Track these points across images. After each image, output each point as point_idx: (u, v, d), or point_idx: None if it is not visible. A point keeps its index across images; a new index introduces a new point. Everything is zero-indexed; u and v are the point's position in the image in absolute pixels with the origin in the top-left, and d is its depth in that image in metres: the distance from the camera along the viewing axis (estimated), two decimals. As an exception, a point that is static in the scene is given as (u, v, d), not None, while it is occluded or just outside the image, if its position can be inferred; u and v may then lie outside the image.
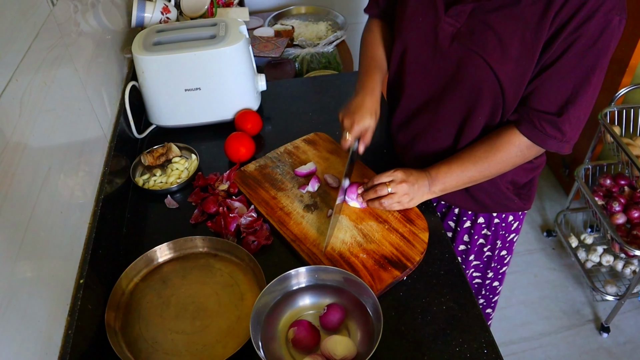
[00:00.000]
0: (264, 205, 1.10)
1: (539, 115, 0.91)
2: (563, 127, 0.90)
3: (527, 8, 0.84)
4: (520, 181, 1.11)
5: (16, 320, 0.64)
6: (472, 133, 1.01)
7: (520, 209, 1.17)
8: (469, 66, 0.92)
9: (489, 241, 1.23)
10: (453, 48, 0.93)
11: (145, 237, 1.08)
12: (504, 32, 0.87)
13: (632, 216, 1.90)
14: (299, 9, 2.26)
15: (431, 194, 1.03)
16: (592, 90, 0.88)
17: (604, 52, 0.84)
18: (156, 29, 1.31)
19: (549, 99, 0.90)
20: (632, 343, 1.98)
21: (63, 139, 0.89)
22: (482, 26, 0.89)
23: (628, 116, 1.99)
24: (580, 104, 0.88)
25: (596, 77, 0.86)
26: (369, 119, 1.03)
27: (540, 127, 0.91)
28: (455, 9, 0.91)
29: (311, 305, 0.91)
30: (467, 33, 0.90)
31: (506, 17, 0.86)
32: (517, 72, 0.89)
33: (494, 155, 0.97)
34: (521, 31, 0.86)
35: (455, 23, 0.91)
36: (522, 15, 0.85)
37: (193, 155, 1.26)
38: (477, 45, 0.90)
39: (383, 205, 1.02)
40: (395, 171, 1.02)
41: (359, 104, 1.05)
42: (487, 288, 1.38)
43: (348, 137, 1.03)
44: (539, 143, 0.93)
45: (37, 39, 0.82)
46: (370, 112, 1.04)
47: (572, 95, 0.88)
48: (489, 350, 0.85)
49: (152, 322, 0.91)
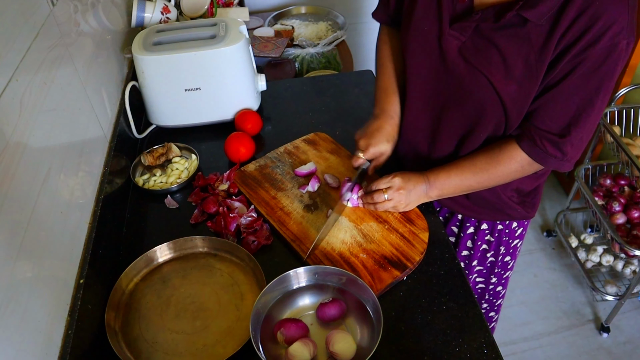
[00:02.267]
0: (264, 205, 1.10)
1: (541, 133, 0.90)
2: (564, 147, 0.89)
3: (532, 29, 0.82)
4: (526, 189, 1.11)
5: (16, 320, 0.64)
6: (473, 145, 1.00)
7: (524, 217, 1.16)
8: (473, 83, 0.91)
9: (492, 247, 1.22)
10: (457, 62, 0.92)
11: (145, 237, 1.08)
12: (509, 51, 0.85)
13: (632, 216, 1.90)
14: (299, 9, 2.26)
15: (427, 198, 1.03)
16: (596, 113, 0.86)
17: (609, 75, 0.82)
18: (156, 29, 1.31)
19: (551, 120, 0.88)
20: (632, 343, 1.98)
21: (63, 139, 0.89)
22: (487, 44, 0.87)
23: (628, 116, 1.99)
24: (583, 126, 0.87)
25: (600, 101, 0.85)
26: (385, 144, 1.05)
27: (541, 145, 0.90)
28: (460, 24, 0.89)
29: (311, 305, 0.91)
30: (472, 48, 0.89)
31: (511, 37, 0.85)
32: (520, 92, 0.88)
33: (494, 167, 0.97)
34: (526, 52, 0.84)
35: (460, 37, 0.90)
36: (527, 37, 0.83)
37: (193, 155, 1.26)
38: (480, 63, 0.88)
39: (378, 210, 1.03)
40: (394, 177, 1.01)
41: (377, 128, 1.07)
42: (491, 293, 1.37)
43: (361, 155, 1.05)
44: (539, 161, 0.93)
45: (37, 39, 0.82)
46: (387, 138, 1.06)
47: (575, 117, 0.86)
48: (489, 350, 0.85)
49: (152, 322, 0.91)
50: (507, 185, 1.06)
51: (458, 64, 0.92)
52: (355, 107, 1.43)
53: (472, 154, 1.00)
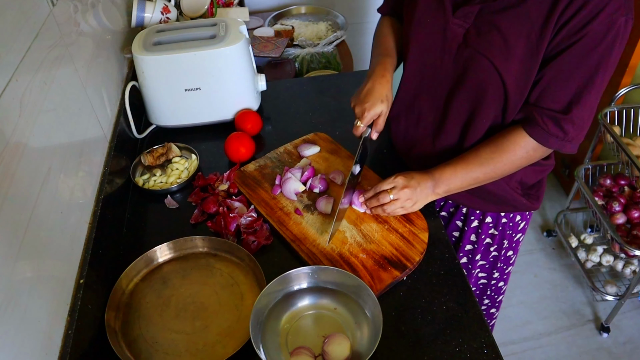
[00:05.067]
0: (264, 206, 1.10)
1: (542, 111, 0.91)
2: (565, 125, 0.90)
3: (533, 8, 0.84)
4: (529, 182, 1.11)
5: (16, 320, 0.64)
6: (477, 133, 1.01)
7: (529, 208, 1.16)
8: (475, 67, 0.92)
9: (496, 241, 1.23)
10: (460, 49, 0.93)
11: (145, 237, 1.08)
12: (510, 32, 0.87)
13: (632, 216, 1.90)
14: (299, 9, 2.26)
15: (435, 195, 1.02)
16: (596, 92, 0.87)
17: (607, 53, 0.83)
18: (156, 29, 1.31)
19: (552, 98, 0.90)
20: (632, 343, 1.98)
21: (63, 139, 0.89)
22: (489, 27, 0.89)
23: (628, 116, 1.99)
24: (584, 105, 0.88)
25: (600, 78, 0.86)
26: (379, 105, 1.02)
27: (542, 124, 0.91)
28: (463, 10, 0.91)
29: (311, 305, 0.91)
30: (474, 34, 0.91)
31: (512, 17, 0.86)
32: (522, 72, 0.89)
33: (499, 156, 0.97)
34: (527, 31, 0.86)
35: (464, 24, 0.91)
36: (528, 16, 0.85)
37: (193, 155, 1.26)
38: (482, 46, 0.90)
39: (386, 212, 1.01)
40: (396, 177, 1.01)
41: (369, 90, 1.04)
42: (493, 288, 1.38)
43: (359, 124, 1.03)
44: (540, 140, 0.93)
45: (37, 39, 0.82)
46: (380, 98, 1.03)
47: (575, 95, 0.88)
48: (489, 350, 0.85)
49: (152, 322, 0.91)
50: (511, 177, 1.07)
51: (462, 51, 0.93)
52: (355, 107, 1.43)
53: (477, 146, 1.01)
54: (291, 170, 1.14)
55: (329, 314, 0.89)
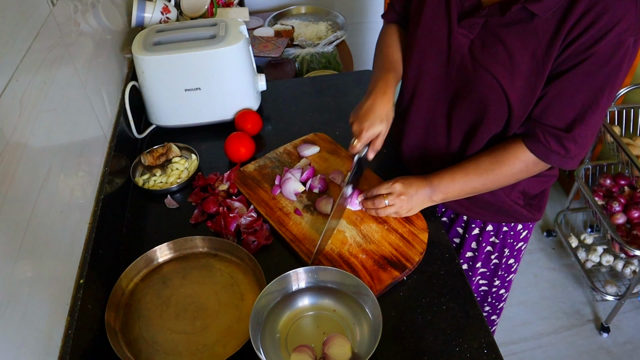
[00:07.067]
0: (264, 206, 1.10)
1: (545, 128, 0.89)
2: (567, 144, 0.89)
3: (540, 24, 0.82)
4: (532, 192, 1.10)
5: (16, 320, 0.64)
6: (480, 142, 0.99)
7: (530, 220, 1.15)
8: (479, 82, 0.91)
9: (497, 249, 1.22)
10: (465, 60, 0.91)
11: (145, 237, 1.08)
12: (515, 47, 0.85)
13: (632, 216, 1.90)
14: (299, 9, 2.26)
15: (431, 202, 1.02)
16: (601, 111, 0.86)
17: (614, 73, 0.81)
18: (156, 29, 1.31)
19: (555, 115, 0.88)
20: (632, 343, 1.98)
21: (63, 139, 0.89)
22: (494, 40, 0.87)
23: (628, 116, 1.99)
24: (588, 123, 0.86)
25: (605, 98, 0.84)
26: (378, 125, 0.98)
27: (544, 140, 0.90)
28: (469, 20, 0.89)
29: (310, 305, 0.91)
30: (479, 46, 0.89)
31: (518, 32, 0.84)
32: (527, 89, 0.87)
33: (499, 168, 0.96)
34: (533, 48, 0.84)
35: (469, 35, 0.90)
36: (534, 32, 0.83)
37: (193, 155, 1.26)
38: (487, 60, 0.88)
39: (380, 216, 1.02)
40: (395, 183, 1.00)
41: (369, 107, 1.00)
42: (494, 296, 1.37)
43: (356, 143, 1.00)
44: (541, 156, 0.92)
45: (37, 39, 0.82)
46: (380, 117, 0.99)
47: (579, 114, 0.86)
48: (489, 350, 0.85)
49: (152, 322, 0.91)
50: (513, 187, 1.06)
51: (466, 62, 0.91)
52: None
53: (476, 155, 1.00)
54: (291, 171, 1.14)
55: (328, 314, 0.89)
